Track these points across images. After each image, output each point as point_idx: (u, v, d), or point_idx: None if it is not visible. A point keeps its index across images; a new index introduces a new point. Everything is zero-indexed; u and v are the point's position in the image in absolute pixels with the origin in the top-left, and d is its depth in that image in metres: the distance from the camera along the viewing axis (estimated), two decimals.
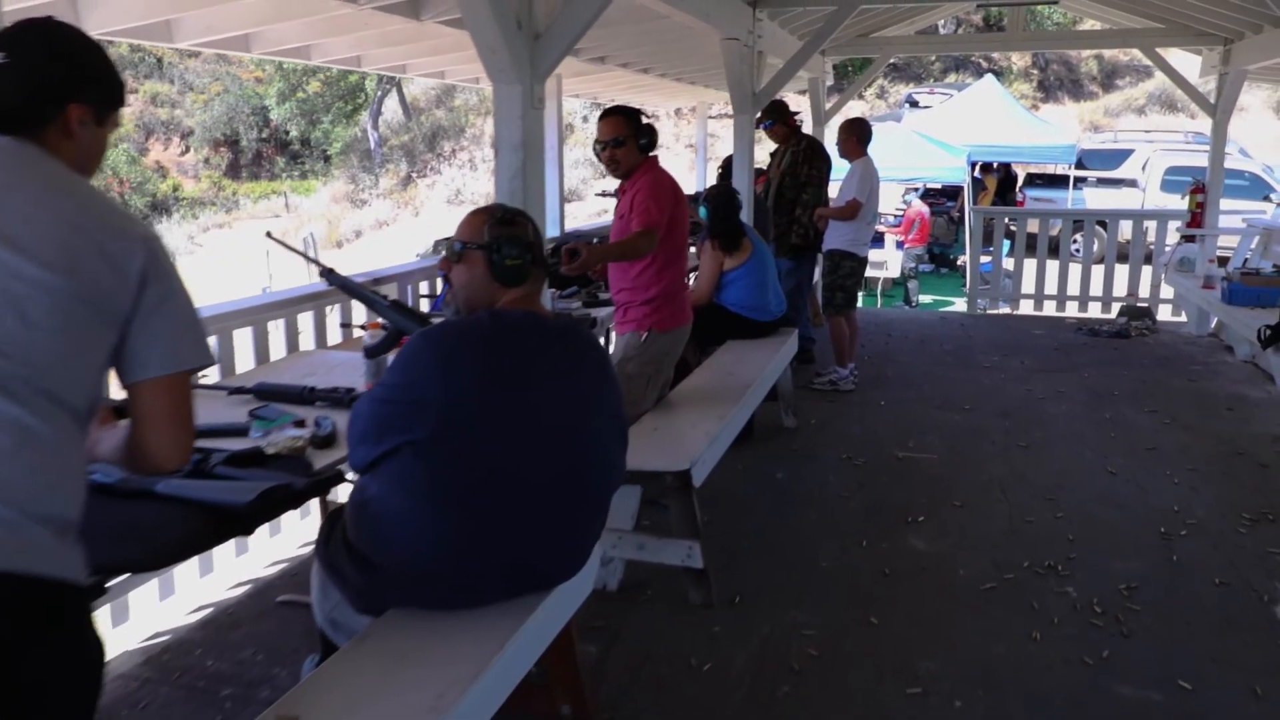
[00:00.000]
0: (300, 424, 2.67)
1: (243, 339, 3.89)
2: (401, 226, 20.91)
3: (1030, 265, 8.95)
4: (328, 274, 2.88)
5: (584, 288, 5.03)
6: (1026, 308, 9.15)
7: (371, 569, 2.16)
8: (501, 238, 2.24)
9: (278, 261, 16.33)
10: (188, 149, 31.30)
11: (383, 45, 5.15)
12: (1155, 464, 4.89)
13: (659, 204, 3.56)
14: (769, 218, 6.42)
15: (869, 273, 13.18)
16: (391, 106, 24.76)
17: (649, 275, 3.73)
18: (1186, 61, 8.97)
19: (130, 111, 32.05)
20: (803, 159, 6.35)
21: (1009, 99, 17.34)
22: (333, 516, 2.41)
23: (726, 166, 6.22)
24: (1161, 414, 5.74)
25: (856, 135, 6.01)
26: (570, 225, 7.34)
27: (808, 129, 7.97)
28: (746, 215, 5.63)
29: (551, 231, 6.14)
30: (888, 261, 13.03)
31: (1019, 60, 25.70)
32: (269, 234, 3.63)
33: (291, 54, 5.06)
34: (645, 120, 3.67)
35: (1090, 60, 25.66)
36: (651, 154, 3.71)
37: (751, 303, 5.21)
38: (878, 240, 13.76)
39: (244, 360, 3.87)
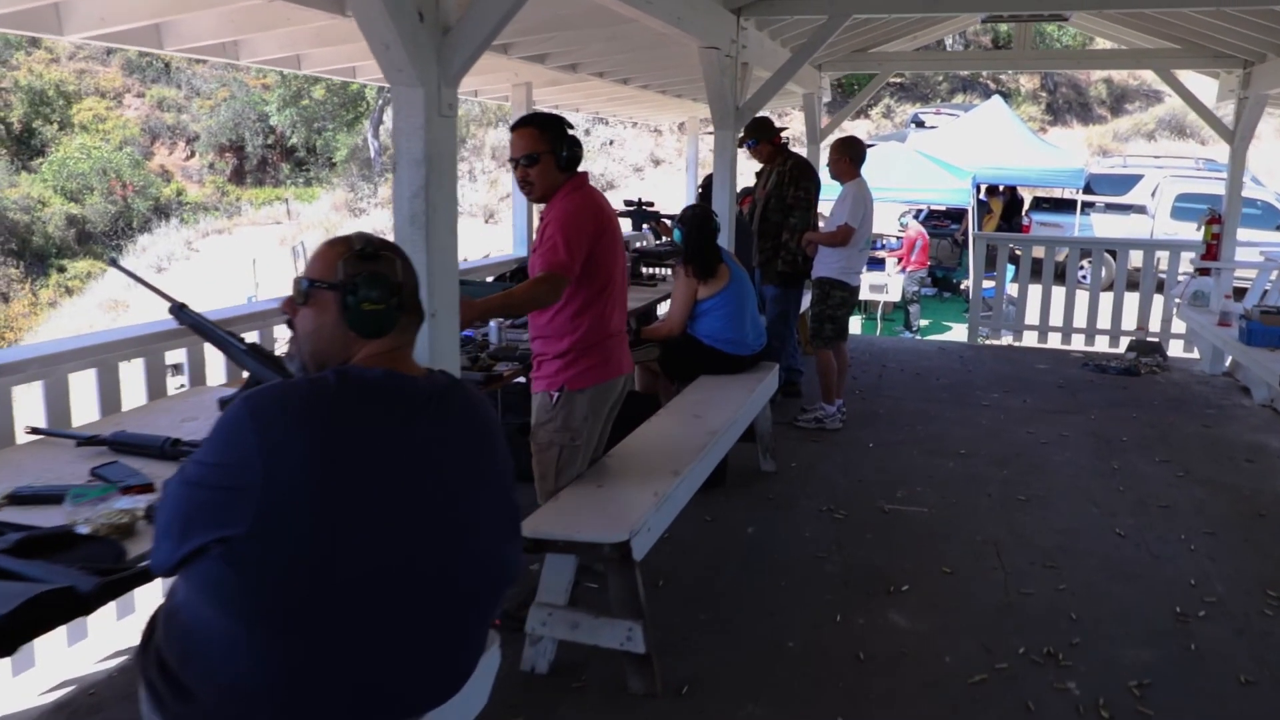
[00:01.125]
0: (142, 489, 2.18)
1: (134, 371, 3.41)
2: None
3: (1035, 293, 8.44)
4: (178, 311, 2.41)
5: None
6: (1030, 339, 8.62)
7: (187, 696, 1.66)
8: (359, 276, 1.74)
9: (267, 270, 15.91)
10: (193, 154, 31.00)
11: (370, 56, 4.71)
12: (1169, 525, 4.37)
13: (572, 239, 2.90)
14: (752, 242, 5.93)
15: (868, 296, 12.82)
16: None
17: (562, 322, 3.04)
18: (1202, 85, 8.47)
19: (137, 115, 31.87)
20: (789, 180, 5.86)
21: (1016, 121, 16.85)
22: (154, 616, 1.91)
23: (706, 186, 5.73)
24: (1174, 465, 5.21)
25: (849, 155, 5.51)
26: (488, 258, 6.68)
27: (802, 147, 7.50)
28: (727, 239, 5.14)
29: (519, 251, 5.66)
30: (888, 285, 12.53)
31: (1027, 82, 25.24)
32: (113, 260, 3.16)
33: (279, 63, 4.70)
34: (569, 130, 3.06)
35: (1100, 84, 25.17)
36: (576, 172, 3.07)
37: (727, 335, 4.71)
38: (877, 264, 13.30)
39: (134, 396, 3.38)
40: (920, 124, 20.30)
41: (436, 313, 2.44)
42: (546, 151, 2.97)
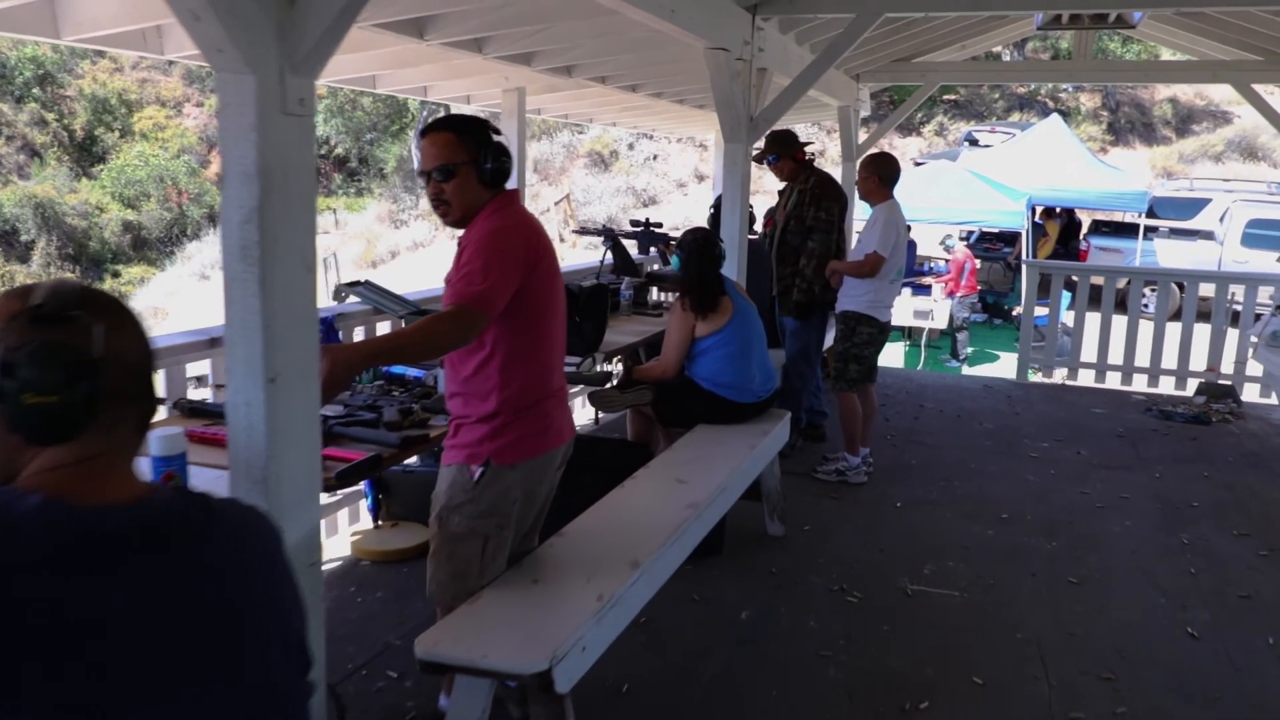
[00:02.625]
0: None
1: None
2: (438, 248, 20.03)
3: (1093, 323, 7.55)
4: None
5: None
6: (1086, 378, 7.77)
7: None
8: (23, 351, 1.10)
9: None
10: None
11: (397, 66, 4.21)
12: (1252, 623, 3.58)
13: (494, 265, 2.22)
14: (771, 269, 5.24)
15: (912, 323, 11.99)
16: None
17: (486, 377, 2.34)
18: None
19: (195, 124, 32.12)
20: (810, 199, 5.15)
21: (1075, 140, 15.87)
22: None
23: (717, 207, 5.04)
24: (1256, 540, 4.40)
25: (879, 174, 4.79)
26: None
27: (837, 168, 6.78)
28: (736, 267, 4.46)
29: None
30: (934, 311, 11.67)
31: (1088, 101, 24.12)
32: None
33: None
34: (496, 137, 2.38)
35: (1164, 104, 23.95)
36: (504, 189, 2.40)
37: (729, 379, 4.03)
38: (923, 288, 12.47)
39: None
40: (974, 142, 19.34)
41: (278, 377, 1.80)
42: (466, 162, 2.31)
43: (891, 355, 11.31)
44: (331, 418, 2.80)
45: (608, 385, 4.19)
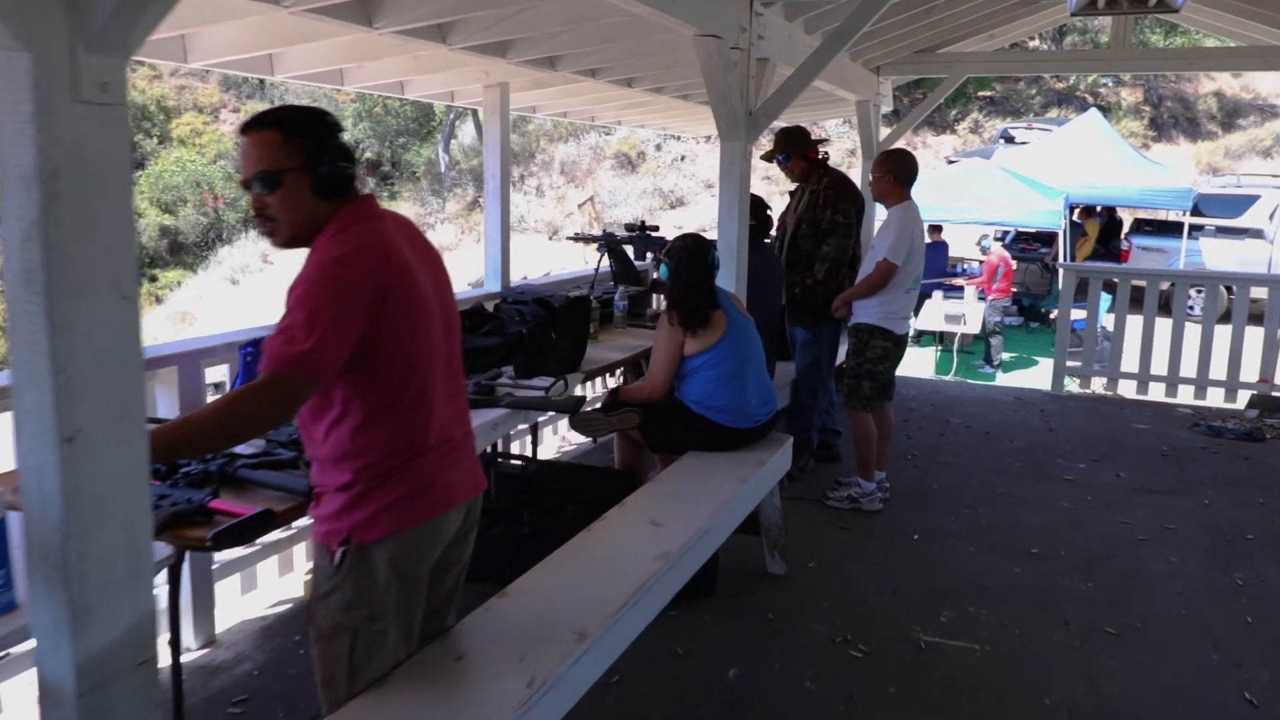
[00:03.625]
0: None
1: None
2: (463, 252, 19.75)
3: (1134, 326, 6.98)
4: None
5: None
6: (1127, 389, 7.21)
7: None
8: None
9: None
10: None
11: (360, 59, 3.88)
12: None
13: (322, 314, 1.70)
14: (782, 276, 4.79)
15: (944, 328, 11.42)
16: (469, 129, 23.76)
17: (338, 442, 1.84)
18: None
19: (231, 130, 32.25)
20: (824, 201, 4.70)
21: (1115, 136, 15.15)
22: None
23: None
24: None
25: (893, 172, 4.32)
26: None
27: (855, 171, 6.30)
28: (732, 277, 4.02)
29: (491, 286, 4.62)
30: (966, 315, 11.10)
31: (1128, 95, 23.28)
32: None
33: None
34: (335, 136, 1.86)
35: (1209, 97, 23.04)
36: (349, 198, 1.87)
37: (721, 401, 3.59)
38: (955, 291, 11.91)
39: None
40: (1010, 139, 18.64)
41: (77, 435, 1.41)
42: (295, 168, 1.80)
43: (922, 361, 10.79)
44: (243, 456, 2.42)
45: (588, 407, 3.77)
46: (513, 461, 3.86)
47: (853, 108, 6.36)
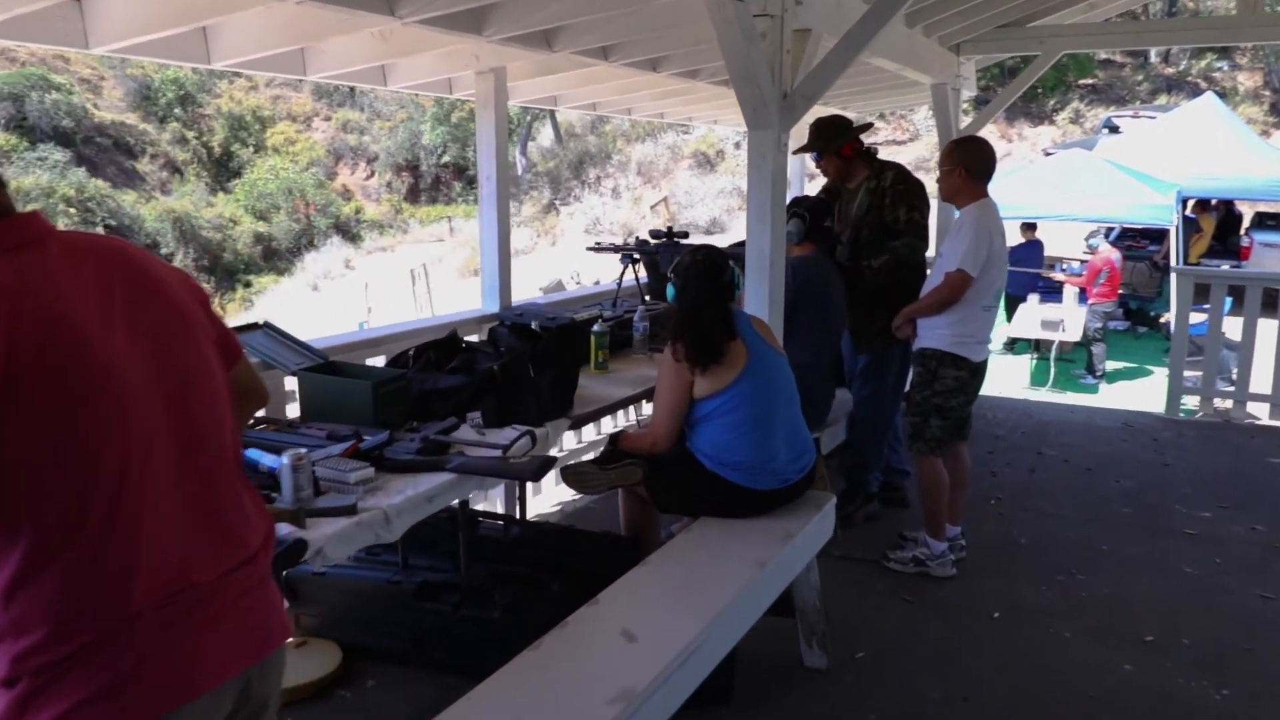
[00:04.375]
0: None
1: None
2: (539, 255, 19.27)
3: (1267, 333, 5.86)
4: None
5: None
6: (1259, 410, 6.12)
7: None
8: None
9: (380, 295, 15.04)
10: (372, 173, 31.48)
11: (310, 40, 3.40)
12: None
13: None
14: (843, 291, 3.98)
15: (1041, 334, 10.28)
16: (548, 132, 23.29)
17: None
18: None
19: (322, 137, 32.70)
20: (894, 198, 3.87)
21: (1234, 120, 13.65)
22: None
23: (797, 209, 3.72)
24: None
25: (965, 164, 3.46)
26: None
27: (926, 173, 5.39)
28: (762, 298, 3.24)
29: (489, 307, 3.92)
30: (1065, 320, 9.97)
31: (1247, 80, 21.38)
32: None
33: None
34: None
35: None
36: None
37: (740, 456, 2.81)
38: (1053, 293, 10.77)
39: None
40: (1114, 129, 17.16)
41: None
42: None
43: (1016, 371, 9.74)
44: None
45: (582, 459, 3.05)
46: (492, 521, 3.17)
47: (926, 93, 5.48)
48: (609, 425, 4.96)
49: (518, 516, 3.42)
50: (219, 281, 26.98)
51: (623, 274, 4.20)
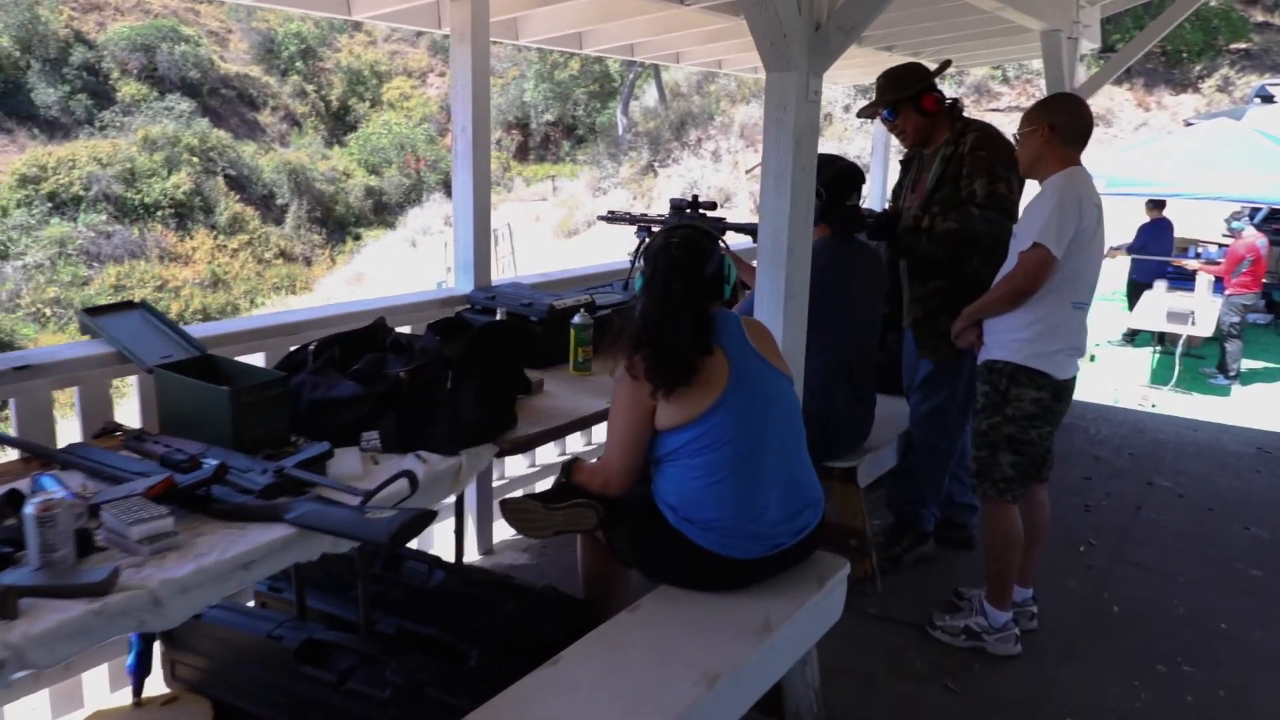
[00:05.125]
0: None
1: None
2: None
3: None
4: None
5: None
6: None
7: None
8: None
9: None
10: None
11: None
12: None
13: None
14: (884, 282, 3.15)
15: (1166, 327, 8.98)
16: (652, 91, 22.43)
17: None
18: None
19: (437, 93, 32.60)
20: (976, 167, 2.99)
21: None
22: None
23: (835, 176, 2.88)
24: None
25: (1052, 122, 2.54)
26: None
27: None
28: (777, 289, 2.44)
29: (463, 287, 3.22)
30: (1196, 312, 8.66)
31: None
32: None
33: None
34: None
35: None
36: None
37: (712, 513, 2.06)
38: (1185, 280, 9.45)
39: None
40: (1268, 99, 15.20)
41: None
42: None
43: (1136, 367, 8.55)
44: None
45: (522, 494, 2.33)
46: (418, 561, 2.49)
47: (1035, 41, 4.46)
48: (578, 443, 4.01)
49: (454, 555, 2.73)
50: (329, 234, 27.30)
51: (638, 250, 3.45)
